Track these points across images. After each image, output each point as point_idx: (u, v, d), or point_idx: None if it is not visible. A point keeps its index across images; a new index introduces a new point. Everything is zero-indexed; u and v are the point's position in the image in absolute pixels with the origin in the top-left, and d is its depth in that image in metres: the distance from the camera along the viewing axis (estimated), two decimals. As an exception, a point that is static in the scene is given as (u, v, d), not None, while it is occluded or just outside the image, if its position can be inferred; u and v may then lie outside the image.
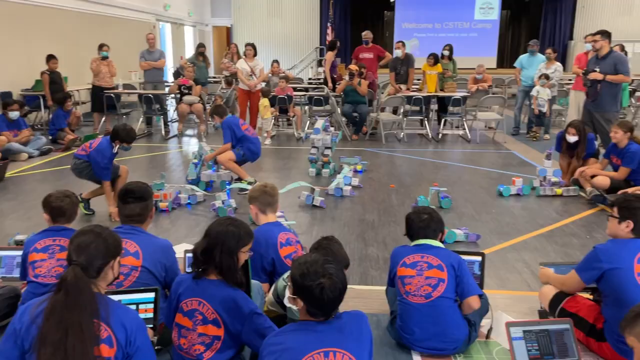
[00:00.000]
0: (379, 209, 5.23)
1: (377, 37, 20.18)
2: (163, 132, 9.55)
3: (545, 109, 8.76)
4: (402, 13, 18.19)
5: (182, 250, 3.22)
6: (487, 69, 10.42)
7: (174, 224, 4.75)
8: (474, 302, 2.64)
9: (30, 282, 2.76)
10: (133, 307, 2.26)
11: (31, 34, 9.68)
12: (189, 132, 9.86)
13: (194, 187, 5.52)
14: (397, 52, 9.22)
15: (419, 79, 9.99)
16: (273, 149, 8.30)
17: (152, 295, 2.35)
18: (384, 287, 3.20)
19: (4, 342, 1.85)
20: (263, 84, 9.23)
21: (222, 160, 5.82)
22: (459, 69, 10.17)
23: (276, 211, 3.16)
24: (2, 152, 6.99)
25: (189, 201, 5.32)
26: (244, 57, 8.94)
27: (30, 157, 7.30)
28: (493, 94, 10.23)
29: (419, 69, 9.59)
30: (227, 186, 5.71)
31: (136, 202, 2.68)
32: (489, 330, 2.86)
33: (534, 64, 9.12)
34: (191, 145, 8.65)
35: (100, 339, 1.79)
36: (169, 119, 10.35)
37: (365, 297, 3.38)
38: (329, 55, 9.75)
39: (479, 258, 3.15)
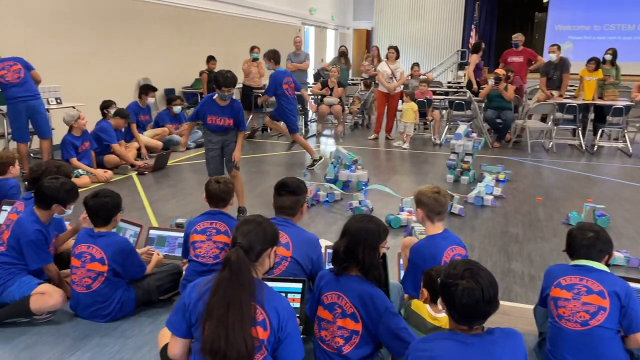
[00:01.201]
0: (524, 222, 4.91)
1: (526, 40, 19.06)
2: (303, 132, 9.93)
3: None
4: (555, 14, 16.89)
5: (322, 246, 3.31)
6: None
7: (313, 219, 4.90)
8: None
9: (190, 261, 3.03)
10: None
11: (192, 36, 10.67)
12: (327, 132, 10.14)
13: (333, 185, 5.65)
14: (552, 56, 8.58)
15: (572, 86, 9.20)
16: (409, 153, 8.21)
17: (299, 285, 2.43)
18: (529, 306, 2.99)
19: (174, 313, 2.04)
20: (401, 87, 9.17)
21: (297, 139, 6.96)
22: (621, 75, 9.17)
23: (444, 219, 2.89)
24: (164, 143, 7.80)
25: (327, 199, 5.46)
26: (385, 59, 8.96)
27: (188, 148, 8.03)
28: (662, 103, 9.06)
29: (575, 74, 8.82)
30: (364, 187, 5.77)
31: (289, 195, 2.78)
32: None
33: None
34: (328, 145, 8.88)
35: (257, 321, 1.90)
36: (309, 119, 10.74)
37: (507, 313, 3.18)
38: (474, 58, 9.39)
39: (643, 286, 2.79)
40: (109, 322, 2.91)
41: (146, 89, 7.80)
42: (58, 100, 6.94)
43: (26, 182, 5.01)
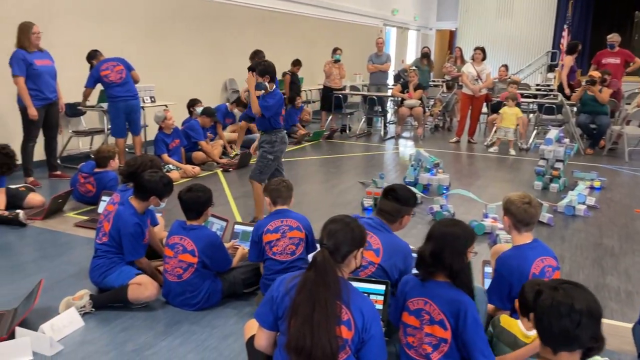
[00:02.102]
0: (620, 235, 4.58)
1: (624, 41, 17.75)
2: (382, 133, 9.88)
3: None
4: (658, 13, 15.61)
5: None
6: None
7: (392, 222, 4.85)
8: None
9: (268, 259, 3.08)
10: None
11: (276, 37, 10.93)
12: (406, 134, 10.02)
13: (413, 188, 5.56)
14: (655, 58, 7.95)
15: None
16: (493, 157, 7.92)
17: (382, 287, 2.42)
18: (626, 324, 2.80)
19: (262, 305, 2.10)
20: (486, 90, 8.88)
21: None
22: None
23: (532, 230, 2.73)
24: (246, 142, 8.04)
25: (406, 202, 5.38)
26: (471, 60, 8.71)
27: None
28: None
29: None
30: (445, 191, 5.64)
31: (393, 201, 2.72)
32: None
33: None
34: (407, 147, 8.77)
35: (341, 320, 1.91)
36: (388, 121, 10.67)
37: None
38: (568, 60, 8.90)
39: None
40: (197, 311, 3.05)
41: (237, 103, 8.16)
42: (152, 99, 7.37)
43: (121, 175, 5.40)
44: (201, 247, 3.01)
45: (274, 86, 4.39)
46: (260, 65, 4.38)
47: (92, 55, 6.35)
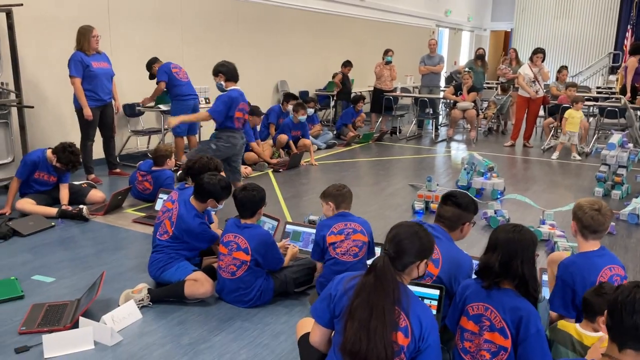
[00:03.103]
0: (690, 246, 4.33)
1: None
2: (433, 136, 9.74)
3: None
4: None
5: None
6: None
7: (444, 226, 4.76)
8: None
9: (329, 259, 3.11)
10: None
11: (327, 39, 10.98)
12: (458, 137, 9.83)
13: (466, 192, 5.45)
14: None
15: None
16: (551, 162, 7.65)
17: (437, 292, 2.38)
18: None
19: (319, 302, 2.10)
20: (544, 91, 8.59)
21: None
22: None
23: (601, 238, 2.61)
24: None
25: (458, 206, 5.28)
26: (529, 62, 8.45)
27: (319, 149, 8.28)
28: None
29: None
30: (499, 196, 5.50)
31: (452, 206, 2.64)
32: None
33: None
34: (459, 150, 8.60)
35: (399, 326, 1.88)
36: (439, 123, 10.50)
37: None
38: (632, 61, 8.48)
39: None
40: (249, 308, 3.10)
41: (288, 97, 8.26)
42: (207, 100, 7.55)
43: (178, 173, 5.56)
44: (254, 246, 3.05)
45: (232, 86, 4.85)
46: (217, 65, 4.94)
47: (153, 61, 6.61)
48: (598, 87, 13.00)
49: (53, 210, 4.67)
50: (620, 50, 15.21)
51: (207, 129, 7.07)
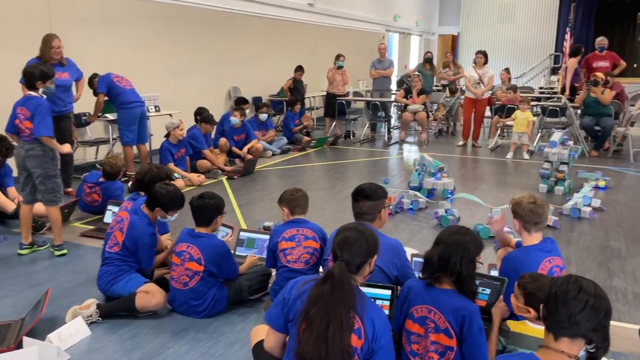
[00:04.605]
0: (627, 237, 4.56)
1: (627, 42, 17.81)
2: (386, 139, 9.89)
3: None
4: (662, 13, 15.58)
5: (408, 254, 3.26)
6: None
7: (397, 227, 4.86)
8: None
9: (281, 267, 3.10)
10: (370, 301, 2.35)
11: (279, 45, 10.99)
12: (410, 139, 10.02)
13: (417, 193, 5.57)
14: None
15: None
16: (498, 161, 7.91)
17: (388, 292, 2.42)
18: (634, 326, 2.80)
19: (273, 307, 2.10)
20: (489, 93, 8.90)
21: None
22: None
23: (542, 230, 2.74)
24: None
25: (411, 206, 5.39)
26: (473, 64, 8.73)
27: (273, 154, 8.27)
28: None
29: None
30: (450, 195, 5.64)
31: (365, 200, 2.76)
32: None
33: None
34: (411, 152, 8.77)
35: (352, 328, 1.90)
36: (392, 126, 10.68)
37: (610, 333, 2.97)
38: (571, 62, 8.90)
39: None
40: (203, 319, 3.06)
41: (239, 102, 8.22)
42: (157, 108, 7.42)
43: (129, 184, 5.42)
44: (208, 256, 3.01)
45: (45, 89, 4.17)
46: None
47: (93, 77, 6.46)
48: (541, 88, 13.56)
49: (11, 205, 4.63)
50: (560, 52, 15.89)
51: (157, 137, 6.93)
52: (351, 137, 9.99)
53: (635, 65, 17.22)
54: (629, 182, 6.53)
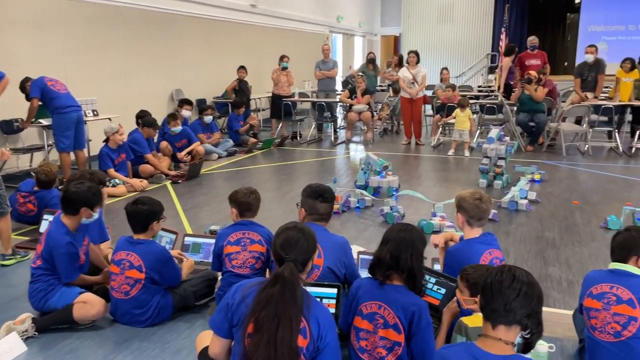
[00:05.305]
0: (560, 227, 4.80)
1: (557, 42, 18.73)
2: (332, 139, 9.97)
3: None
4: (588, 15, 16.49)
5: (355, 252, 3.30)
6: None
7: (344, 226, 4.91)
8: None
9: (226, 272, 3.03)
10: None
11: (223, 47, 10.86)
12: (356, 139, 10.14)
13: (363, 191, 5.65)
14: (588, 57, 8.42)
15: (607, 87, 8.99)
16: (439, 158, 8.14)
17: (334, 291, 2.44)
18: (568, 311, 2.93)
19: (217, 312, 2.07)
20: (424, 92, 9.15)
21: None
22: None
23: (484, 225, 2.83)
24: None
25: (357, 205, 5.46)
26: (406, 64, 8.95)
27: (219, 157, 8.16)
28: None
29: (611, 75, 8.62)
30: (395, 193, 5.75)
31: (327, 202, 2.82)
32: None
33: None
34: (358, 151, 8.88)
35: (299, 328, 1.90)
36: (338, 126, 10.77)
37: (545, 319, 3.09)
38: (506, 61, 9.26)
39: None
40: (148, 327, 2.97)
41: (182, 103, 8.07)
42: (95, 112, 7.15)
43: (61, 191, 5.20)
44: (148, 263, 2.93)
45: None
46: None
47: (25, 81, 6.15)
48: (479, 86, 14.06)
49: None
50: (496, 51, 16.52)
51: (96, 143, 6.68)
52: (298, 138, 10.00)
53: (565, 64, 18.16)
54: (562, 174, 6.88)
